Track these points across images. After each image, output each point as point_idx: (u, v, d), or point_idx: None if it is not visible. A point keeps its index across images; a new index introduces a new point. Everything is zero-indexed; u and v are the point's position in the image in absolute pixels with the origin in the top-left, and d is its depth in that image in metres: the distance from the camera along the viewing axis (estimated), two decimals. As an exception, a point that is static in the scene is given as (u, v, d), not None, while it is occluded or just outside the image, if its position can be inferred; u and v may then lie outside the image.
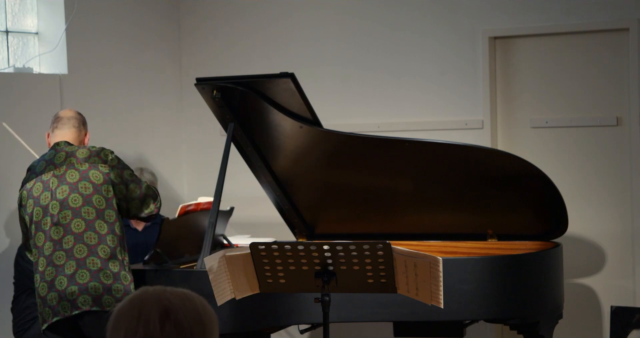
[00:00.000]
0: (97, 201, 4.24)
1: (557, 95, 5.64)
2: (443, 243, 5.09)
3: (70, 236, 4.20)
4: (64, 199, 4.23)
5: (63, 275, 4.15)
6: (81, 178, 4.26)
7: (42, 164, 4.36)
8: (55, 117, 4.52)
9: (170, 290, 1.79)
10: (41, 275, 4.19)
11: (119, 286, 4.15)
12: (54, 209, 4.23)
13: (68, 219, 4.21)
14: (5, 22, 5.60)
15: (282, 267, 3.56)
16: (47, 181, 4.28)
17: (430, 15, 5.83)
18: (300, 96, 4.57)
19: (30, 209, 4.28)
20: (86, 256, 4.16)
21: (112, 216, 4.27)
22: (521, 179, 4.81)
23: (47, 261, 4.18)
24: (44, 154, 4.42)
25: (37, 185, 4.30)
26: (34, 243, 4.25)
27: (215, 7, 6.39)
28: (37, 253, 4.22)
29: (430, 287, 3.47)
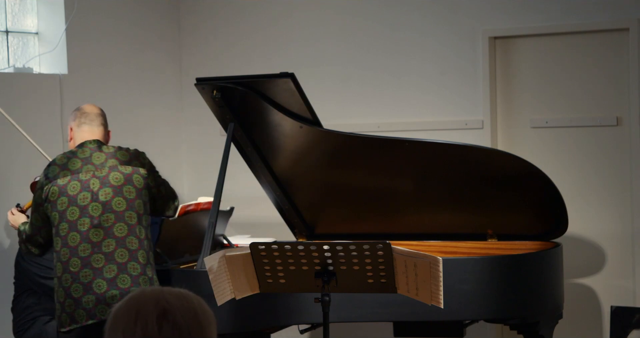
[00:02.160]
0: (138, 206, 4.21)
1: (557, 95, 5.64)
2: (443, 243, 5.09)
3: (111, 240, 4.13)
4: (107, 202, 4.16)
5: (102, 278, 4.09)
6: (126, 181, 4.21)
7: (76, 162, 4.22)
8: (81, 112, 4.36)
9: (168, 290, 1.79)
10: (74, 275, 4.11)
11: None
12: (94, 211, 4.14)
13: (110, 222, 4.14)
14: (5, 22, 5.60)
15: (282, 267, 3.56)
16: (87, 181, 4.18)
17: (430, 15, 5.83)
18: (300, 96, 4.57)
19: (63, 207, 4.15)
20: (127, 261, 4.12)
21: (147, 221, 4.27)
22: (521, 179, 4.81)
23: (83, 262, 4.10)
24: (74, 151, 4.28)
25: (73, 183, 4.17)
26: (63, 241, 4.14)
27: (215, 7, 6.39)
28: (66, 253, 4.12)
29: (430, 287, 3.47)
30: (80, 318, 4.10)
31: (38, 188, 4.23)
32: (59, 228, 4.17)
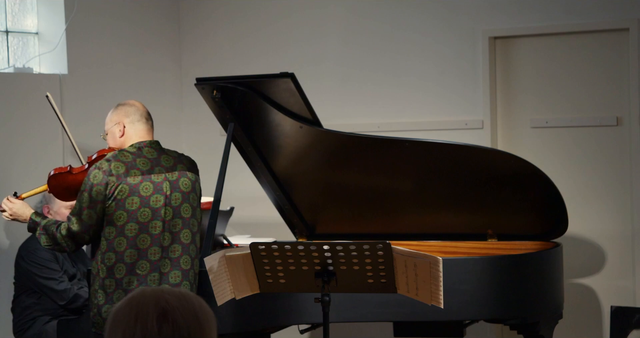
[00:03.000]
0: (197, 215, 4.19)
1: (557, 95, 5.64)
2: (443, 243, 5.09)
3: (177, 246, 4.08)
4: (177, 207, 4.08)
5: (168, 283, 4.04)
6: (192, 188, 4.17)
7: (145, 162, 4.07)
8: (134, 109, 4.21)
9: (168, 290, 1.78)
10: (140, 278, 4.01)
11: None
12: (166, 215, 4.05)
13: (178, 228, 4.08)
14: (5, 22, 5.60)
15: (282, 267, 3.56)
16: (160, 184, 4.06)
17: (430, 15, 5.83)
18: (300, 96, 4.57)
19: (134, 208, 4.01)
20: (189, 268, 4.10)
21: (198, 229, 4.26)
22: (521, 179, 4.81)
23: (152, 266, 4.02)
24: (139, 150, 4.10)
25: (145, 184, 4.03)
26: (130, 242, 4.00)
27: (215, 6, 6.39)
28: (134, 254, 4.00)
29: (430, 287, 3.47)
30: None
31: (97, 184, 3.99)
32: (124, 228, 4.01)
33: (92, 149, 5.80)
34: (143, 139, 4.15)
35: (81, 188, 4.05)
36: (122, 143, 4.16)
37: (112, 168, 4.02)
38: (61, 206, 5.01)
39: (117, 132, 4.17)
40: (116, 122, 4.17)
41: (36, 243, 4.93)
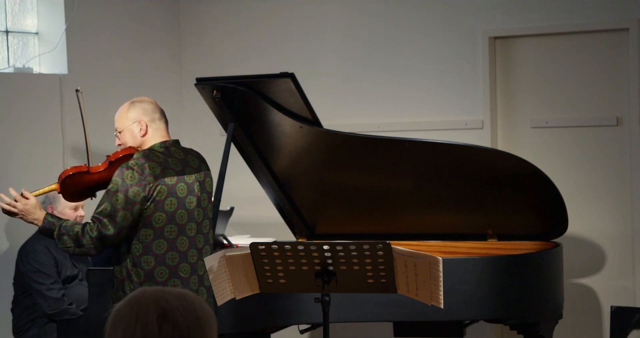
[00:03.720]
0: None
1: (557, 95, 5.64)
2: (443, 243, 5.09)
3: (208, 247, 4.06)
4: (205, 208, 4.04)
5: (204, 286, 4.00)
6: (213, 189, 4.16)
7: (176, 162, 3.98)
8: (153, 107, 4.07)
9: (169, 290, 1.78)
10: (184, 281, 3.93)
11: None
12: (198, 216, 3.98)
13: (207, 229, 4.05)
14: (5, 22, 5.60)
15: (282, 267, 3.56)
16: (192, 185, 3.98)
17: (431, 15, 5.83)
18: (300, 96, 4.57)
19: (172, 209, 3.91)
20: None
21: None
22: (521, 179, 4.81)
23: (192, 269, 3.95)
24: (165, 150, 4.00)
25: (181, 185, 3.94)
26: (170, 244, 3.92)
27: (215, 5, 6.39)
28: (175, 257, 3.91)
29: (430, 287, 3.47)
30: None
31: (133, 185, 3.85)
32: (164, 229, 3.91)
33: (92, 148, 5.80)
34: (165, 139, 4.03)
35: (111, 189, 3.86)
36: (142, 142, 4.02)
37: (148, 168, 3.88)
38: (65, 207, 5.01)
39: (137, 131, 4.01)
40: (135, 121, 4.01)
41: (36, 245, 4.93)
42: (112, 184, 3.88)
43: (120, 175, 3.87)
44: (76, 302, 4.89)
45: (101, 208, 3.87)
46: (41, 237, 4.98)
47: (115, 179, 3.88)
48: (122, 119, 4.05)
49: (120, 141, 4.07)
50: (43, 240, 4.96)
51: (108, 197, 3.86)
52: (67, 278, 4.98)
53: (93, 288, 4.63)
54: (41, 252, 4.90)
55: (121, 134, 4.06)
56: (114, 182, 3.88)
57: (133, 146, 4.03)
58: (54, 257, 4.93)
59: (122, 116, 4.06)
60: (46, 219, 3.95)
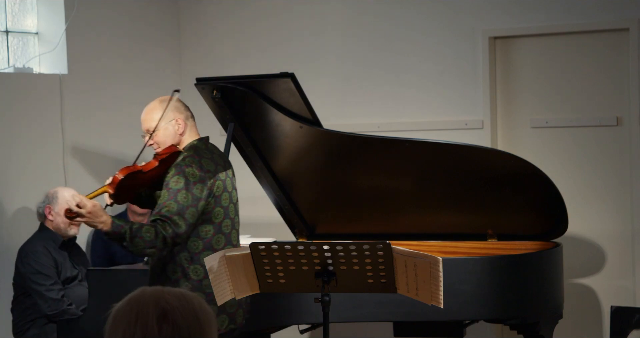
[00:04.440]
0: None
1: (557, 95, 5.64)
2: (443, 243, 5.09)
3: (238, 244, 4.08)
4: (236, 204, 4.07)
5: None
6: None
7: (217, 158, 4.01)
8: (184, 105, 4.10)
9: (169, 290, 1.78)
10: None
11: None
12: (232, 213, 4.02)
13: (238, 225, 4.08)
14: (5, 22, 5.60)
15: (282, 267, 3.56)
16: (230, 181, 4.04)
17: (431, 15, 5.83)
18: (300, 96, 4.57)
19: (226, 204, 3.96)
20: None
21: None
22: (521, 179, 4.81)
23: None
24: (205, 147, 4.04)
25: (227, 180, 4.00)
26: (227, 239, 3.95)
27: (214, 4, 6.39)
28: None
29: (430, 287, 3.47)
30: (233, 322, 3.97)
31: (196, 182, 3.84)
32: (222, 225, 3.94)
33: (91, 149, 5.81)
34: (198, 135, 4.07)
35: (174, 187, 3.82)
36: (181, 140, 4.02)
37: (204, 164, 3.90)
38: (62, 208, 5.01)
39: (175, 129, 4.00)
40: (172, 119, 4.00)
41: (35, 246, 4.92)
42: (173, 182, 3.82)
43: (182, 173, 3.84)
44: (76, 302, 4.89)
45: (166, 207, 3.78)
46: (40, 238, 4.98)
47: (177, 177, 3.83)
48: (153, 119, 4.00)
49: (154, 141, 4.01)
50: (42, 241, 4.96)
51: (171, 195, 3.80)
52: (67, 279, 4.98)
53: (93, 289, 4.63)
54: (41, 253, 4.90)
55: (156, 134, 4.00)
56: (176, 180, 3.83)
57: (173, 143, 4.01)
58: (53, 258, 4.93)
59: (152, 115, 4.01)
60: (114, 222, 3.77)
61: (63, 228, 5.01)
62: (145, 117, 4.04)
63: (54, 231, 5.00)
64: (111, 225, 3.74)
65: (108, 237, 3.82)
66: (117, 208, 5.87)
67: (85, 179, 5.75)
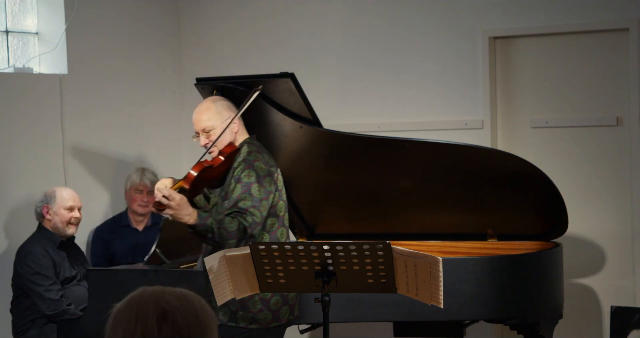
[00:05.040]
0: None
1: (557, 95, 5.64)
2: (443, 243, 5.09)
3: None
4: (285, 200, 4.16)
5: None
6: None
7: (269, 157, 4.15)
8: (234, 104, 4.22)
9: (169, 290, 1.78)
10: None
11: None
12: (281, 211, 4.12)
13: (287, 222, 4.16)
14: (5, 22, 5.60)
15: (282, 267, 3.56)
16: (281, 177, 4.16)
17: (431, 15, 5.83)
18: (300, 96, 4.57)
19: (285, 198, 4.12)
20: None
21: None
22: (521, 179, 4.81)
23: None
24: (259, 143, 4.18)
25: (281, 177, 4.14)
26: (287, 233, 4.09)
27: (214, 3, 6.39)
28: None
29: (430, 287, 3.47)
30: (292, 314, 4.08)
31: (265, 175, 3.97)
32: (284, 218, 4.06)
33: (91, 149, 5.81)
34: (247, 134, 4.16)
35: (246, 181, 3.92)
36: (235, 139, 4.11)
37: (267, 159, 4.02)
38: (61, 208, 5.01)
39: (231, 127, 4.08)
40: (227, 117, 4.08)
41: (34, 247, 4.92)
42: (245, 176, 3.93)
43: (252, 167, 3.95)
44: (75, 302, 4.89)
45: (242, 200, 3.88)
46: (39, 238, 4.97)
47: (248, 171, 3.94)
48: (215, 117, 4.07)
49: (210, 140, 4.06)
50: (40, 241, 4.96)
51: (245, 189, 3.91)
52: (66, 279, 4.97)
53: (93, 289, 4.63)
54: (39, 254, 4.90)
55: (213, 133, 4.05)
56: (247, 174, 3.94)
57: (232, 141, 4.09)
58: (51, 258, 4.93)
59: (214, 114, 4.08)
60: (200, 214, 3.84)
61: (61, 227, 5.01)
62: (200, 118, 4.10)
63: (52, 231, 5.00)
64: (198, 217, 3.81)
65: (193, 230, 3.85)
66: (117, 208, 5.88)
67: (85, 179, 5.75)
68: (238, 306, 3.98)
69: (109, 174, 5.93)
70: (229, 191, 3.96)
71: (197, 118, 4.12)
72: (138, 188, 5.67)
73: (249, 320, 4.00)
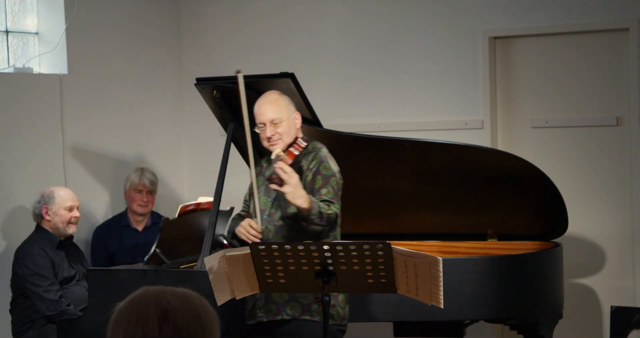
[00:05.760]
0: None
1: (557, 95, 5.64)
2: (443, 243, 5.09)
3: None
4: None
5: None
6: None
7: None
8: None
9: (171, 290, 1.78)
10: None
11: None
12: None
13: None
14: (5, 22, 5.60)
15: (282, 267, 3.56)
16: None
17: (431, 15, 5.83)
18: (301, 96, 4.57)
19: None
20: None
21: None
22: (521, 179, 4.81)
23: None
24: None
25: None
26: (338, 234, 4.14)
27: (214, 3, 6.39)
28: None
29: (430, 287, 3.47)
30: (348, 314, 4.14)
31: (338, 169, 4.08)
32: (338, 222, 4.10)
33: (91, 149, 5.81)
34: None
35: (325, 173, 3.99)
36: (296, 134, 4.11)
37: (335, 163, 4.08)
38: (60, 208, 5.00)
39: (296, 122, 4.08)
40: (294, 112, 4.08)
41: (32, 248, 4.92)
42: (323, 168, 4.00)
43: (327, 160, 4.02)
44: (74, 302, 4.89)
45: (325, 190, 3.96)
46: (37, 239, 4.97)
47: (325, 164, 4.01)
48: (284, 110, 4.06)
49: (277, 131, 4.04)
50: (39, 242, 4.95)
51: (325, 181, 3.98)
52: (65, 279, 4.97)
53: (93, 289, 4.62)
54: (38, 254, 4.89)
55: (282, 125, 4.03)
56: (325, 166, 4.00)
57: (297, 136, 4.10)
58: (50, 259, 4.92)
59: (283, 106, 4.07)
60: (311, 198, 3.86)
61: (62, 227, 5.00)
62: (271, 108, 4.05)
63: (50, 231, 4.99)
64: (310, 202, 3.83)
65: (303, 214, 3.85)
66: (117, 208, 5.88)
67: (85, 179, 5.75)
68: (312, 300, 3.96)
69: (108, 174, 5.93)
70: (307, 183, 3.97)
71: (267, 109, 4.05)
72: (137, 187, 5.67)
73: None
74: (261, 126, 4.05)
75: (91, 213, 5.73)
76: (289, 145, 4.05)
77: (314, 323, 3.99)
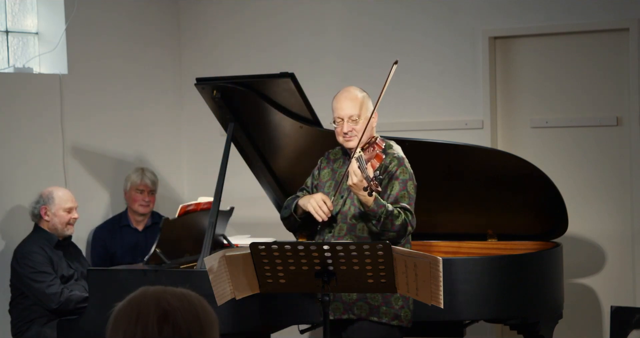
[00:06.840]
0: None
1: (557, 95, 5.64)
2: (444, 243, 5.09)
3: None
4: None
5: None
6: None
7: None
8: None
9: (170, 291, 1.78)
10: None
11: None
12: None
13: None
14: (5, 22, 5.60)
15: (282, 267, 3.56)
16: None
17: (431, 15, 5.83)
18: (300, 95, 4.57)
19: None
20: None
21: None
22: (521, 179, 4.81)
23: None
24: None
25: None
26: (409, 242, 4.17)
27: (214, 4, 6.39)
28: None
29: (430, 287, 3.47)
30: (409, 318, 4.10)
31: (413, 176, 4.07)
32: None
33: (91, 149, 5.81)
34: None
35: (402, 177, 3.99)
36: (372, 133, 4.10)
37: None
38: (59, 209, 5.00)
39: (373, 122, 4.09)
40: (373, 111, 4.08)
41: (31, 247, 4.92)
42: (401, 172, 4.00)
43: (405, 164, 4.02)
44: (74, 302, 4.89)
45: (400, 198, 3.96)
46: (35, 238, 4.97)
47: (402, 168, 4.02)
48: (368, 107, 4.07)
49: (355, 127, 4.03)
50: (37, 241, 4.95)
51: (402, 186, 3.99)
52: (63, 278, 4.97)
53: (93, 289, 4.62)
54: (37, 253, 4.89)
55: (360, 122, 4.02)
56: (402, 170, 4.01)
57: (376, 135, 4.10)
58: (49, 258, 4.92)
59: (363, 104, 4.06)
60: (377, 201, 3.85)
61: (60, 228, 5.00)
62: (352, 105, 4.03)
63: (49, 231, 5.00)
64: (373, 201, 3.82)
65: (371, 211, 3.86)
66: (117, 208, 5.88)
67: (85, 179, 5.75)
68: (381, 301, 3.98)
69: (108, 174, 5.93)
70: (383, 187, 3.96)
71: (347, 105, 4.03)
72: (138, 187, 5.67)
73: (392, 316, 4.01)
74: (338, 121, 4.04)
75: (91, 213, 5.73)
76: (367, 145, 4.02)
77: (381, 325, 3.99)
